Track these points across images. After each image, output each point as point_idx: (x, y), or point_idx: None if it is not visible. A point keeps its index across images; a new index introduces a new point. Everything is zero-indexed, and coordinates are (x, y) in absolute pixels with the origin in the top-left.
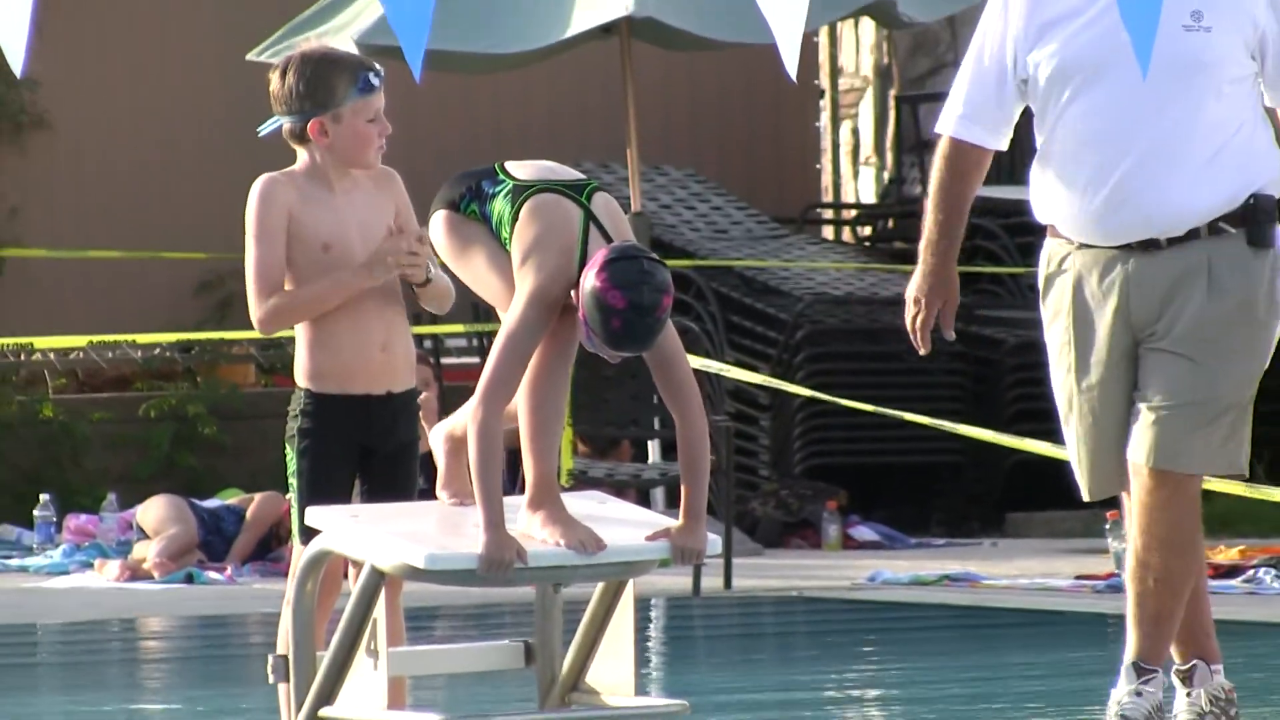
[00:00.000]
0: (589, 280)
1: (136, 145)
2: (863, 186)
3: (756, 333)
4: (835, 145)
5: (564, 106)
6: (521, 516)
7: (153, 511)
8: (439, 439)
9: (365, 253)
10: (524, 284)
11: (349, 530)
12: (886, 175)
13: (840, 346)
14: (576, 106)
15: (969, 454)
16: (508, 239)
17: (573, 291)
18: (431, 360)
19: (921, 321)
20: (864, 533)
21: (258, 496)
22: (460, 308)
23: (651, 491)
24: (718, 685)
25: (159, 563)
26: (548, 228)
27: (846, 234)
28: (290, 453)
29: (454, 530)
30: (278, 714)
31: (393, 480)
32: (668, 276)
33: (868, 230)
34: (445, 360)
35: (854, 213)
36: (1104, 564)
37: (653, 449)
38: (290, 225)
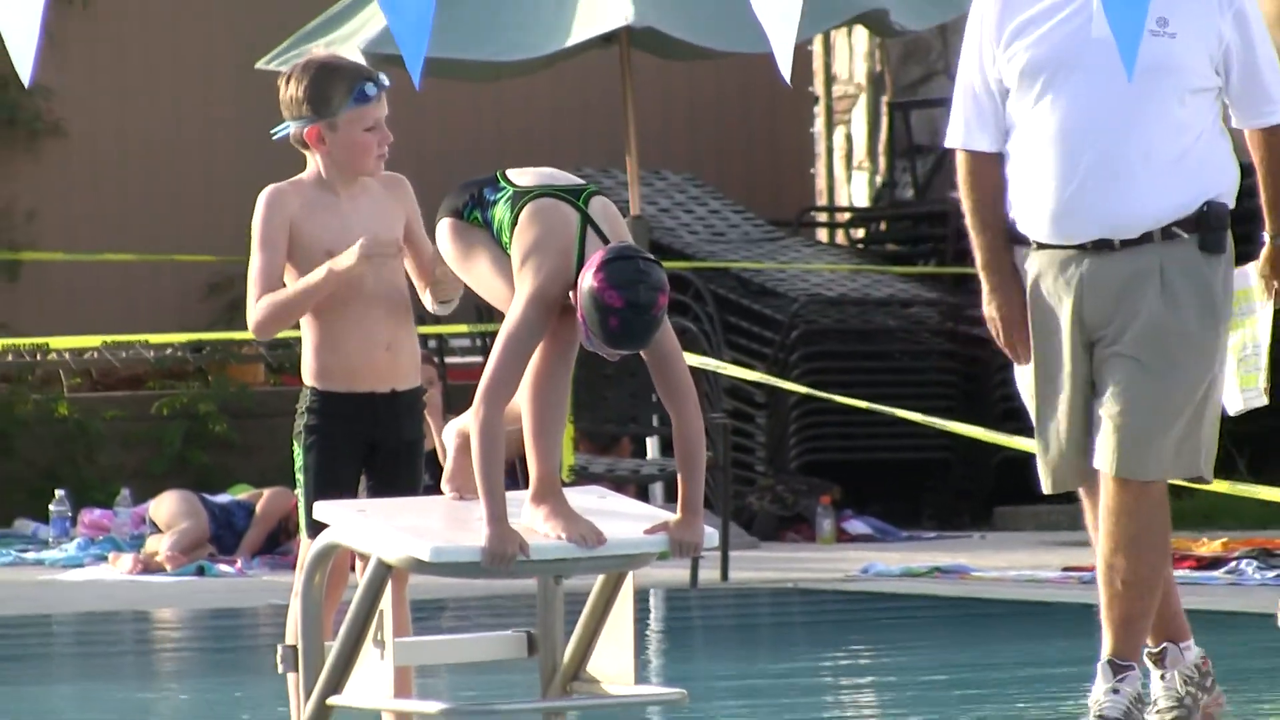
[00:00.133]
0: (586, 280)
1: (149, 152)
2: (856, 190)
3: (753, 333)
4: (829, 150)
5: (566, 113)
6: (524, 511)
7: (165, 506)
8: (450, 435)
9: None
10: (523, 285)
11: (356, 524)
12: (879, 179)
13: (834, 346)
14: (578, 113)
15: (959, 450)
16: (508, 243)
17: (571, 292)
18: (436, 360)
19: (1016, 335)
20: (857, 526)
21: (267, 492)
22: (464, 309)
23: (650, 486)
24: (715, 674)
25: (171, 556)
26: (546, 231)
27: (840, 236)
28: (297, 449)
29: (458, 524)
30: (287, 703)
31: (398, 476)
32: (663, 276)
33: (861, 233)
34: (450, 360)
35: (848, 216)
36: (1090, 556)
37: (651, 445)
38: (293, 233)
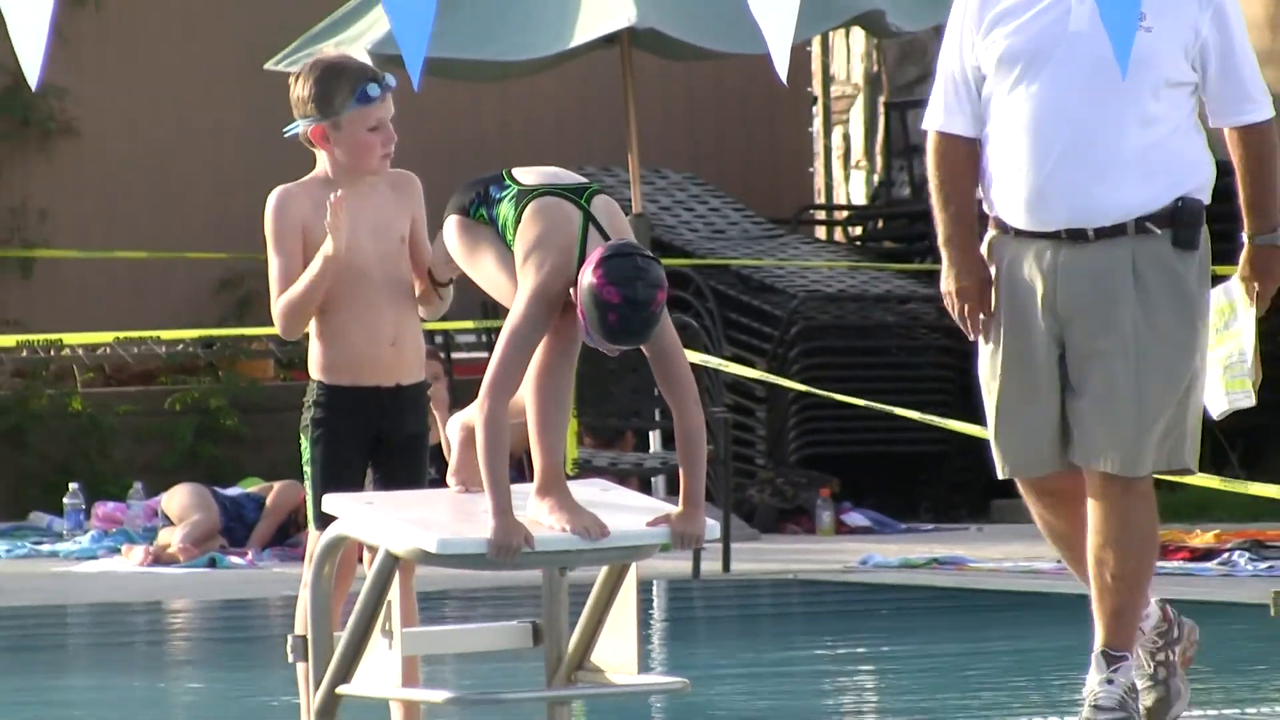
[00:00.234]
0: (586, 277)
1: (160, 151)
2: (854, 189)
3: (753, 329)
4: (827, 150)
5: (569, 113)
6: (529, 503)
7: (177, 499)
8: (454, 429)
9: (377, 255)
10: (526, 281)
11: (364, 517)
12: (876, 178)
13: (833, 341)
14: (580, 113)
15: (955, 443)
16: (512, 240)
17: (572, 289)
18: (442, 355)
19: (969, 311)
20: (856, 519)
21: (277, 485)
22: (470, 305)
23: (653, 479)
24: (717, 663)
25: (183, 548)
26: (548, 228)
27: (838, 234)
28: (305, 442)
29: (464, 516)
30: (297, 692)
31: (404, 469)
32: (662, 273)
33: (858, 230)
34: (456, 355)
35: (845, 214)
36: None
37: (654, 439)
38: (305, 233)
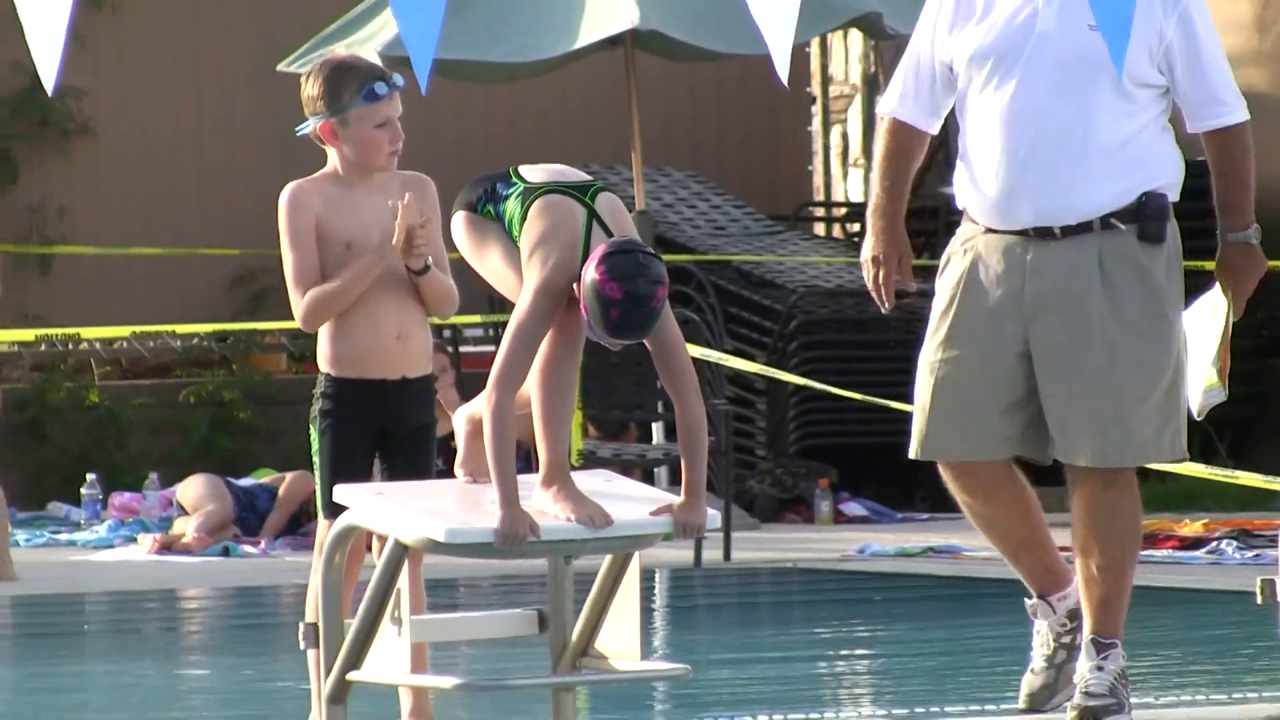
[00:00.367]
0: (589, 273)
1: (175, 150)
2: (852, 186)
3: (753, 323)
4: (826, 148)
5: (574, 112)
6: (535, 494)
7: (192, 490)
8: (460, 421)
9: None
10: (531, 276)
11: (374, 507)
12: None
13: (831, 335)
14: (585, 112)
15: None
16: (518, 236)
17: (575, 285)
18: (449, 349)
19: (883, 278)
20: (854, 508)
21: (289, 476)
22: (477, 300)
23: (655, 470)
24: (718, 650)
25: (198, 537)
26: (553, 225)
27: (837, 231)
28: (313, 433)
29: (472, 506)
30: (308, 677)
31: (411, 460)
32: (663, 269)
33: (856, 227)
34: (464, 349)
35: (844, 211)
36: (1063, 537)
37: (657, 431)
38: (318, 227)
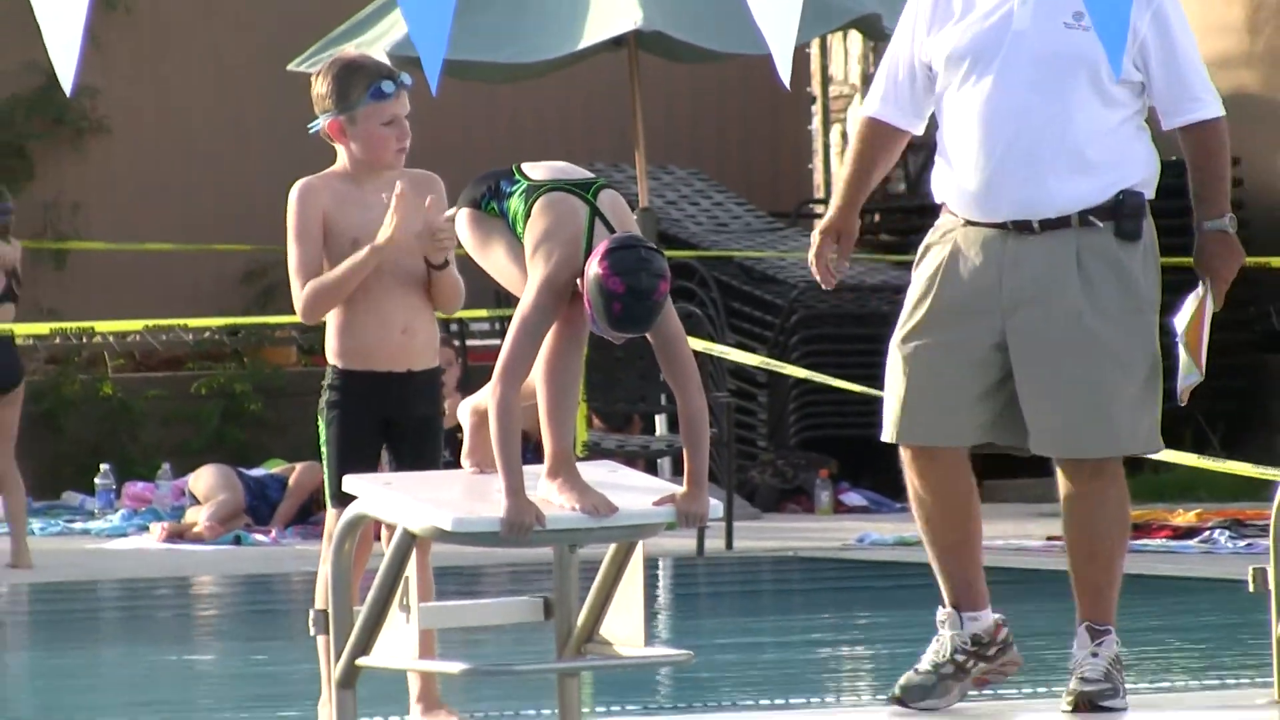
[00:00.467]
0: (592, 268)
1: (187, 147)
2: None
3: (754, 317)
4: (826, 147)
5: (578, 111)
6: (541, 484)
7: (204, 480)
8: (465, 413)
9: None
10: (535, 272)
11: (383, 496)
12: None
13: (831, 329)
14: (589, 112)
15: None
16: (522, 233)
17: (579, 280)
18: (456, 342)
19: (817, 249)
20: (853, 498)
21: (299, 466)
22: (483, 295)
23: (659, 461)
24: (720, 637)
25: (209, 526)
26: (556, 221)
27: None
28: (321, 424)
29: (478, 496)
30: (318, 663)
31: (418, 451)
32: (664, 264)
33: None
34: (470, 342)
35: None
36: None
37: (660, 422)
38: (325, 223)
